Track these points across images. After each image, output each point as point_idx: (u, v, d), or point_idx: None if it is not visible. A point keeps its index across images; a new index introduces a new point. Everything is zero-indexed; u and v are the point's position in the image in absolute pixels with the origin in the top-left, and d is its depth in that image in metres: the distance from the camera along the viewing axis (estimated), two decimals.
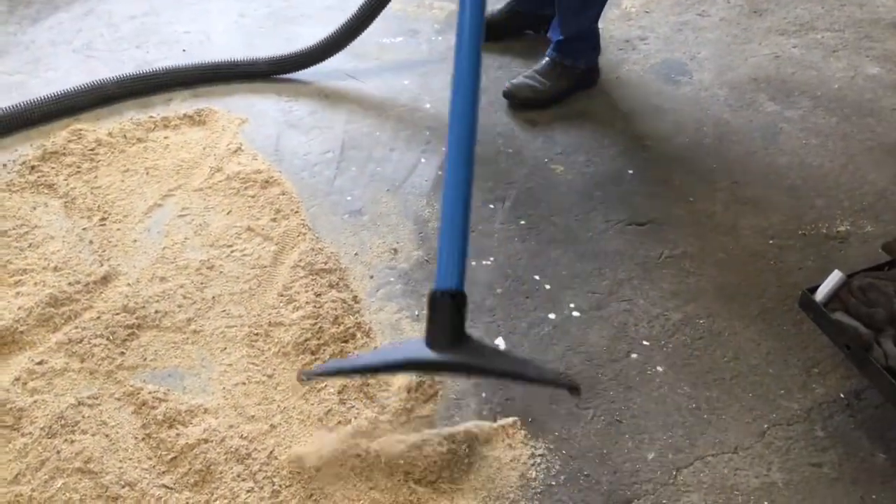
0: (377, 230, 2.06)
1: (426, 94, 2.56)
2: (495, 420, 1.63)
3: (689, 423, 1.63)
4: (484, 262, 1.98)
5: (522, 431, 1.61)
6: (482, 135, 2.27)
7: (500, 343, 1.79)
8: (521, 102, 2.51)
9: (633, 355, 1.77)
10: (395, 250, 1.99)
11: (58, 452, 1.49)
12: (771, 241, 2.06)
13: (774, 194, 2.21)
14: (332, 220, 2.07)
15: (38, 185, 2.08)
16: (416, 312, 1.84)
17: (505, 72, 2.66)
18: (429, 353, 1.45)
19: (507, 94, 2.51)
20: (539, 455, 1.57)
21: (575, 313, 1.86)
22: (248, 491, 1.46)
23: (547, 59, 2.54)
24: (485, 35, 1.62)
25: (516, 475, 1.52)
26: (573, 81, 2.55)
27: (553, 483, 1.52)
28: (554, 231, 2.08)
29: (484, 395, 1.67)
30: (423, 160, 2.30)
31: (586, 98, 2.57)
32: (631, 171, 2.28)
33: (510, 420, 1.62)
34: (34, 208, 2.01)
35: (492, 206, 2.15)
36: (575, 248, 2.03)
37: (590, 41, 2.55)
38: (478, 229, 2.07)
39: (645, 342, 1.80)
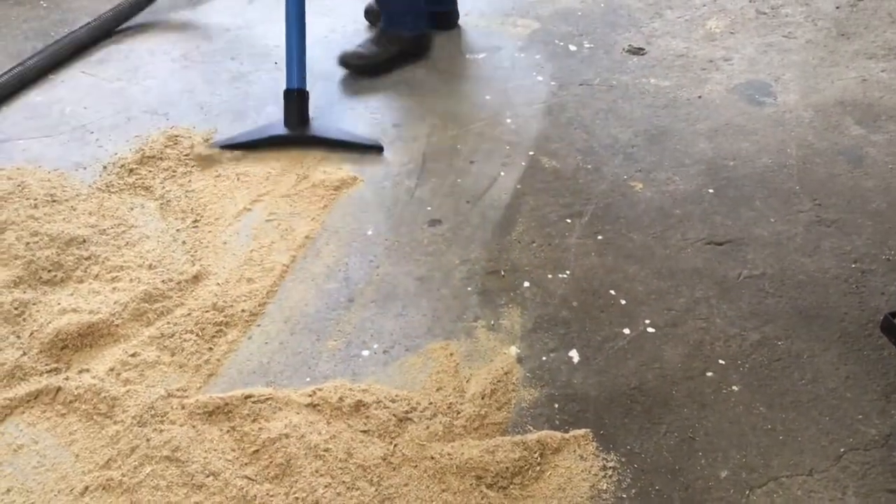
0: (455, 240, 2.10)
1: (507, 109, 2.60)
2: (567, 431, 1.64)
3: (763, 444, 1.62)
4: (560, 276, 2.00)
5: (594, 443, 1.62)
6: (559, 151, 2.30)
7: (575, 356, 1.80)
8: (354, 69, 2.71)
9: (709, 373, 1.77)
10: (471, 261, 2.03)
11: (147, 441, 1.57)
12: (854, 265, 2.03)
13: (858, 217, 2.18)
14: (411, 230, 2.12)
15: (135, 187, 2.19)
16: (492, 322, 1.87)
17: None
18: (283, 130, 2.36)
19: (342, 62, 2.71)
20: (610, 467, 1.58)
21: (650, 329, 1.87)
22: (325, 486, 1.50)
23: (377, 29, 2.76)
24: None
25: (587, 486, 1.54)
26: (401, 48, 2.74)
27: (624, 496, 1.53)
28: (631, 247, 2.09)
29: (556, 405, 1.69)
30: (502, 173, 2.33)
31: (669, 117, 2.57)
32: (711, 191, 2.28)
33: (582, 431, 1.64)
34: (131, 209, 2.12)
35: (569, 220, 2.17)
36: (652, 265, 2.04)
37: (412, 11, 2.72)
38: (554, 243, 2.09)
39: (721, 361, 1.80)
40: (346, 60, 2.68)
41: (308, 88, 2.43)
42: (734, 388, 1.73)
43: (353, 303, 1.92)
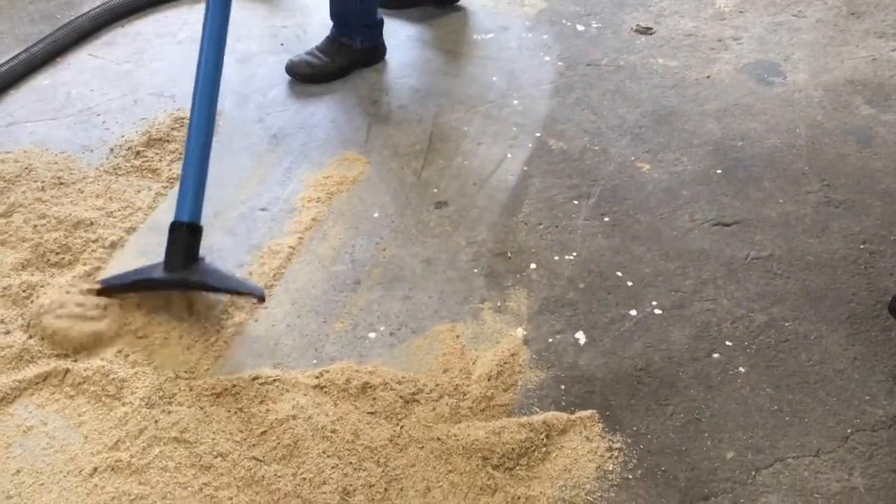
0: (462, 222, 2.09)
1: (514, 91, 2.59)
2: (573, 412, 1.64)
3: (770, 425, 1.62)
4: (567, 257, 2.00)
5: (600, 425, 1.62)
6: (566, 132, 2.29)
7: (581, 337, 1.80)
8: (301, 78, 2.59)
9: (716, 355, 1.77)
10: (477, 243, 2.03)
11: (155, 422, 1.58)
12: (862, 246, 2.02)
13: (867, 198, 2.17)
14: (417, 212, 2.12)
15: (142, 170, 2.19)
16: (499, 303, 1.87)
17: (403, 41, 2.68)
18: (162, 274, 1.80)
19: (288, 70, 2.59)
20: (616, 448, 1.58)
21: (657, 311, 1.87)
22: (332, 467, 1.51)
23: (328, 36, 2.62)
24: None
25: (593, 467, 1.54)
26: (351, 59, 2.63)
27: (630, 477, 1.53)
28: (638, 228, 2.08)
29: (563, 387, 1.70)
30: (509, 155, 2.33)
31: (677, 98, 2.56)
32: (719, 171, 2.27)
33: (588, 413, 1.64)
34: (138, 192, 2.12)
35: (576, 202, 2.17)
36: (659, 247, 2.03)
37: (364, 20, 2.60)
38: (561, 225, 2.09)
39: (728, 342, 1.79)
40: (293, 69, 2.59)
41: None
42: (741, 369, 1.73)
43: (359, 285, 1.92)
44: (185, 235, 1.81)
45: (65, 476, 1.48)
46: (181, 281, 1.80)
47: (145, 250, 1.96)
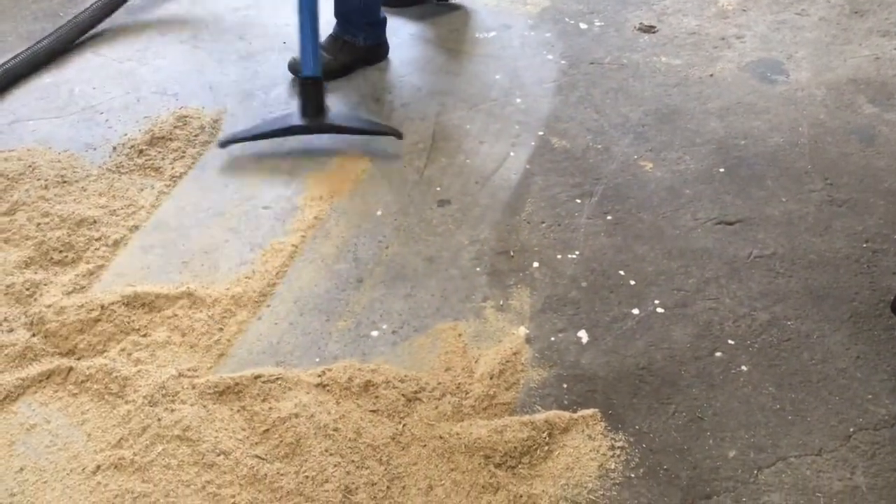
0: (464, 221, 2.09)
1: (517, 89, 2.59)
2: (575, 410, 1.65)
3: (772, 424, 1.62)
4: (569, 256, 2.00)
5: (602, 423, 1.62)
6: (569, 130, 2.29)
7: (583, 336, 1.80)
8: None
9: (718, 354, 1.77)
10: (480, 241, 2.03)
11: (158, 420, 1.58)
12: (865, 245, 2.02)
13: (870, 197, 2.17)
14: (420, 210, 2.12)
15: (145, 168, 2.19)
16: (501, 302, 1.87)
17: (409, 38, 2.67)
18: (300, 121, 2.23)
19: (291, 68, 2.59)
20: (619, 447, 1.58)
21: (659, 310, 1.87)
22: (334, 465, 1.51)
23: (331, 34, 2.63)
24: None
25: (595, 465, 1.54)
26: (354, 57, 2.64)
27: (632, 475, 1.53)
28: (641, 227, 2.08)
29: (565, 385, 1.70)
30: (512, 153, 2.33)
31: (680, 96, 2.55)
32: (722, 170, 2.27)
33: (590, 411, 1.64)
34: (141, 190, 2.12)
35: (578, 200, 2.17)
36: (661, 245, 2.03)
37: (367, 18, 2.61)
38: (563, 223, 2.09)
39: (730, 341, 1.79)
40: (296, 67, 2.56)
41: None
42: (743, 368, 1.73)
43: (362, 283, 1.92)
44: (313, 87, 2.20)
45: (68, 474, 1.49)
46: (321, 125, 2.21)
47: (149, 248, 1.96)
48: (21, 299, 1.80)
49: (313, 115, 2.22)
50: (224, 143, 2.23)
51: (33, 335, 1.72)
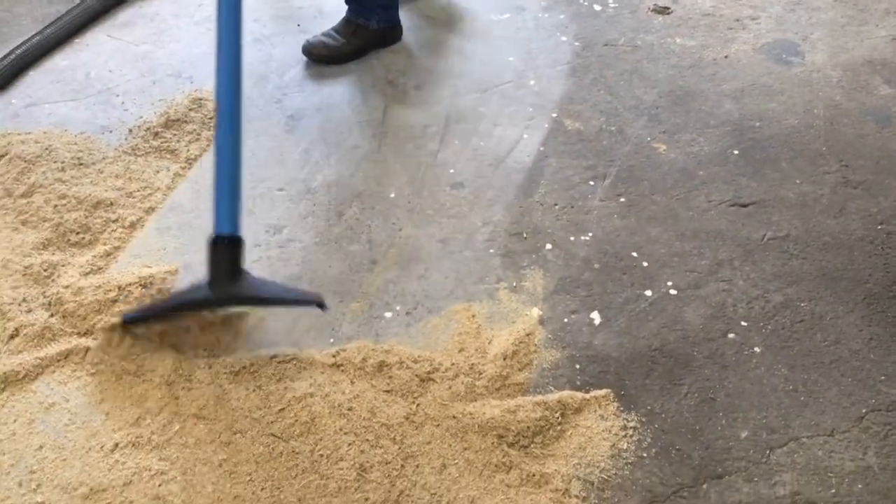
0: (478, 203, 2.10)
1: (531, 71, 2.59)
2: (588, 391, 1.66)
3: (784, 405, 1.63)
4: (582, 238, 2.00)
5: (615, 404, 1.63)
6: (583, 112, 2.29)
7: (596, 317, 1.81)
8: (317, 59, 2.60)
9: (731, 335, 1.77)
10: (493, 223, 2.04)
11: (175, 399, 1.60)
12: (880, 227, 2.02)
13: (885, 179, 2.16)
14: (434, 192, 2.13)
15: (160, 150, 2.21)
16: (514, 283, 1.88)
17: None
18: (208, 293, 1.68)
19: (305, 51, 2.59)
20: (631, 427, 1.59)
21: (672, 291, 1.87)
22: (349, 444, 1.53)
23: (343, 17, 2.62)
24: None
25: (607, 445, 1.55)
26: (367, 40, 2.62)
27: (644, 455, 1.54)
28: (654, 209, 2.08)
29: (577, 366, 1.71)
30: (525, 136, 2.33)
31: (694, 78, 2.55)
32: (736, 152, 2.26)
33: (603, 392, 1.65)
34: (157, 172, 2.14)
35: (591, 182, 2.17)
36: (675, 227, 2.03)
37: (380, 1, 2.59)
38: (577, 205, 2.09)
39: (743, 323, 1.80)
40: (310, 50, 2.59)
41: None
42: (756, 349, 1.74)
43: (375, 265, 1.93)
44: (227, 249, 1.68)
45: (87, 451, 1.51)
46: (233, 297, 1.71)
47: (165, 230, 1.98)
48: (39, 280, 1.82)
49: (223, 285, 1.69)
50: (128, 321, 1.71)
51: (52, 315, 1.75)
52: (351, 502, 1.45)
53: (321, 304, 1.73)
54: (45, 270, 1.83)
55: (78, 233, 1.93)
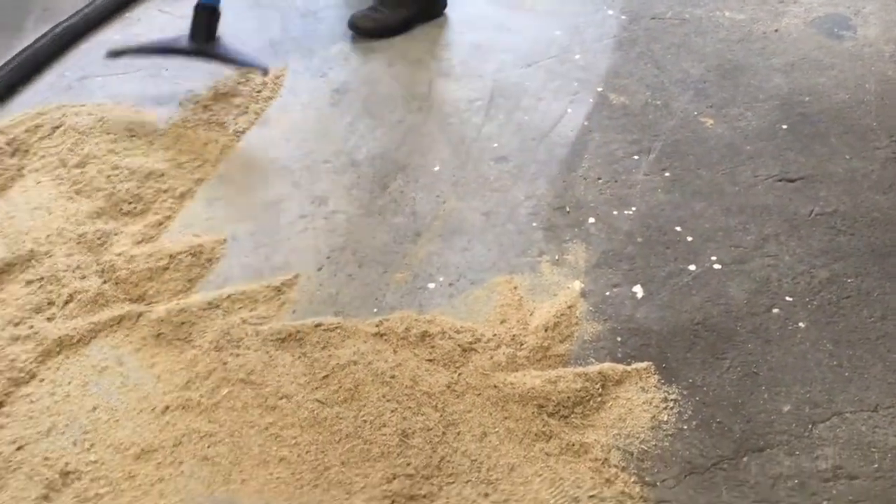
0: (521, 177, 2.11)
1: (577, 46, 2.57)
2: (629, 364, 1.66)
3: (828, 380, 1.62)
4: (626, 212, 2.00)
5: (656, 376, 1.64)
6: (628, 87, 2.27)
7: (639, 291, 1.81)
8: (362, 33, 2.61)
9: (775, 310, 1.76)
10: (537, 197, 2.04)
11: (224, 364, 1.64)
12: None
13: None
14: (478, 166, 2.14)
15: (209, 123, 2.24)
16: (557, 257, 1.89)
17: None
18: (185, 44, 2.30)
19: (351, 25, 2.61)
20: (672, 400, 1.59)
21: (716, 266, 1.86)
22: (391, 411, 1.56)
23: None
24: None
25: (648, 417, 1.56)
26: (412, 13, 2.63)
27: (685, 427, 1.55)
28: (699, 184, 2.07)
29: (619, 339, 1.71)
30: (569, 110, 2.32)
31: (743, 52, 2.51)
32: (785, 126, 2.23)
33: (644, 364, 1.65)
34: (206, 144, 2.18)
35: (636, 157, 2.16)
36: (720, 202, 2.02)
37: None
38: (620, 179, 2.08)
39: (788, 298, 1.78)
40: (355, 24, 2.61)
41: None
42: (800, 324, 1.72)
43: (419, 237, 1.95)
44: (206, 15, 2.26)
45: (138, 413, 1.56)
46: (202, 50, 2.27)
47: (214, 200, 2.02)
48: (93, 248, 1.87)
49: (199, 41, 2.29)
50: (112, 54, 2.33)
51: (105, 282, 1.80)
52: (393, 466, 1.47)
53: (265, 70, 2.32)
54: (98, 239, 1.89)
55: (130, 202, 1.98)
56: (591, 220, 1.98)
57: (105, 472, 1.46)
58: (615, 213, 2.00)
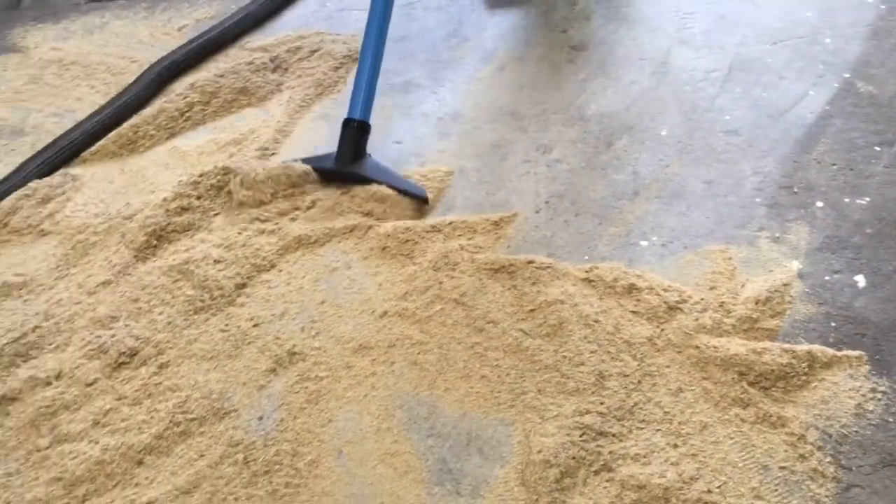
0: (750, 152, 2.07)
1: (828, 28, 2.47)
2: (840, 349, 1.62)
3: None
4: (858, 201, 1.93)
5: (867, 366, 1.59)
6: (878, 76, 2.17)
7: (861, 280, 1.75)
8: (496, 3, 2.59)
9: None
10: (764, 173, 2.00)
11: (440, 283, 1.75)
12: None
13: None
14: (706, 136, 2.12)
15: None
16: (777, 234, 1.86)
17: None
18: (330, 165, 2.01)
19: None
20: (881, 392, 1.54)
21: None
22: (591, 352, 1.61)
23: None
24: None
25: (853, 403, 1.52)
26: None
27: (891, 420, 1.50)
28: None
29: (833, 324, 1.67)
30: (811, 92, 2.25)
31: None
32: None
33: (856, 353, 1.61)
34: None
35: (878, 148, 2.06)
36: None
37: None
38: (857, 168, 2.00)
39: None
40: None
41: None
42: None
43: (637, 196, 1.98)
44: (354, 132, 2.02)
45: (360, 313, 1.70)
46: (350, 173, 2.00)
47: (444, 136, 2.12)
48: None
49: (346, 161, 2.02)
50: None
51: (342, 194, 1.95)
52: (587, 402, 1.53)
53: (425, 199, 1.97)
54: None
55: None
56: (820, 203, 1.93)
57: (326, 359, 1.61)
58: (846, 200, 1.93)
